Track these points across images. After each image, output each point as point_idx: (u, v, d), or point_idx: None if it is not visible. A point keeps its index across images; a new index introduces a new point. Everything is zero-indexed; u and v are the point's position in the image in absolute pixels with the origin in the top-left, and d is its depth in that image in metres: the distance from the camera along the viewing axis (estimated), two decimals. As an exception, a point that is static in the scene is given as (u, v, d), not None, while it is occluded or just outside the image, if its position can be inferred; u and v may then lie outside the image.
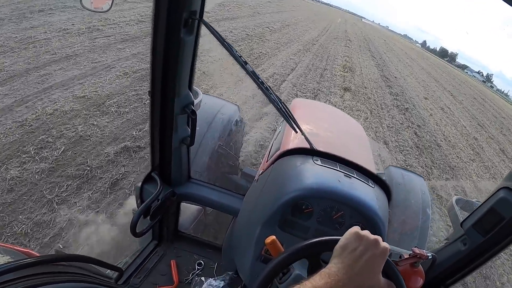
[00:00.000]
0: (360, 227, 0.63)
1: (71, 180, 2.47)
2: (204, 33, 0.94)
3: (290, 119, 1.19)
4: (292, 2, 30.07)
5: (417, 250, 0.72)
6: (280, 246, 0.74)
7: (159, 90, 0.95)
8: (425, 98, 10.64)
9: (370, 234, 0.61)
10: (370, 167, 1.76)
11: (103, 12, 1.13)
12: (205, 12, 0.91)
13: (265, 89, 1.09)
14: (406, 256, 0.71)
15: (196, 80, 1.09)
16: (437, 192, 4.27)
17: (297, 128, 1.21)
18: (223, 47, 0.98)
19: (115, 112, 3.47)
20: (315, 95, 6.56)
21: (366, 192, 1.04)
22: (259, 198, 1.15)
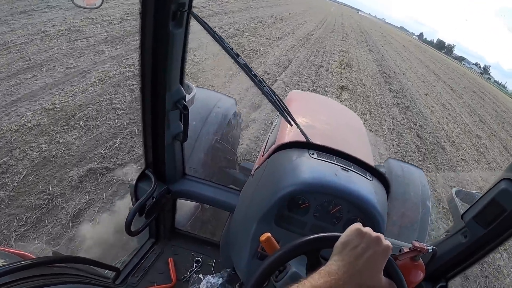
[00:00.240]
0: (359, 222, 0.61)
1: (30, 211, 2.24)
2: (197, 29, 0.90)
3: (285, 112, 1.17)
4: (287, -5, 29.74)
5: (417, 244, 0.70)
6: (276, 243, 0.72)
7: (150, 86, 0.92)
8: (425, 94, 10.49)
9: (372, 231, 0.59)
10: (368, 159, 1.74)
11: (96, 8, 1.10)
12: (194, 7, 0.87)
13: (258, 82, 1.06)
14: (406, 250, 0.70)
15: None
16: (443, 205, 4.09)
17: (292, 121, 1.19)
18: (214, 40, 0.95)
19: (84, 126, 3.22)
20: (310, 96, 6.44)
21: (364, 186, 1.01)
22: (254, 193, 1.13)
